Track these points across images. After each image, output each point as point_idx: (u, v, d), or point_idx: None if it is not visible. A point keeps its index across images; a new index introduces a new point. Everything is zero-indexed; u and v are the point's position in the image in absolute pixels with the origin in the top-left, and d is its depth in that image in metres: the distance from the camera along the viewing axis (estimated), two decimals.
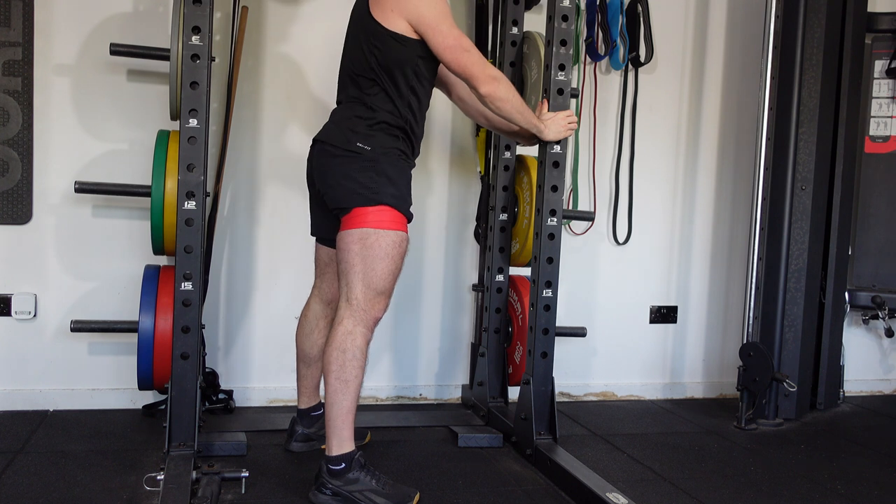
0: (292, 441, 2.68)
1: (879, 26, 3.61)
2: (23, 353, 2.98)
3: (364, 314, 2.24)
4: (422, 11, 2.24)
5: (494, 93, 2.34)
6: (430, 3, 2.25)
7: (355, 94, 2.33)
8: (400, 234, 2.27)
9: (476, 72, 2.30)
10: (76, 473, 2.39)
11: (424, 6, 2.24)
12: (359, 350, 2.22)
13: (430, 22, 2.24)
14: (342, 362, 2.20)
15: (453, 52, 2.27)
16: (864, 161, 3.65)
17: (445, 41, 2.26)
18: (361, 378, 2.24)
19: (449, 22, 2.27)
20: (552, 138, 2.59)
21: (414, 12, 2.24)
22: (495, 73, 2.35)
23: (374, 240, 2.22)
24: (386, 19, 2.26)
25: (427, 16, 2.24)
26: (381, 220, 2.23)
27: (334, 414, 2.23)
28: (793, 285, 3.33)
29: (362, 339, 2.24)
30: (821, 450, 3.01)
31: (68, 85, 2.96)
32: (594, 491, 2.24)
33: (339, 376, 2.21)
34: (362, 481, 2.21)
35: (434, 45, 2.27)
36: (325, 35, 3.16)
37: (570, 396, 3.56)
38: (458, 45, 2.27)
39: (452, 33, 2.26)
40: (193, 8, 2.35)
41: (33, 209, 2.95)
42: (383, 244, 2.23)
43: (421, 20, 2.24)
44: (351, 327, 2.22)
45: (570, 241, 3.50)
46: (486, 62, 2.35)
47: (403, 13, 2.24)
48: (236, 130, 3.06)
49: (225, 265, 3.14)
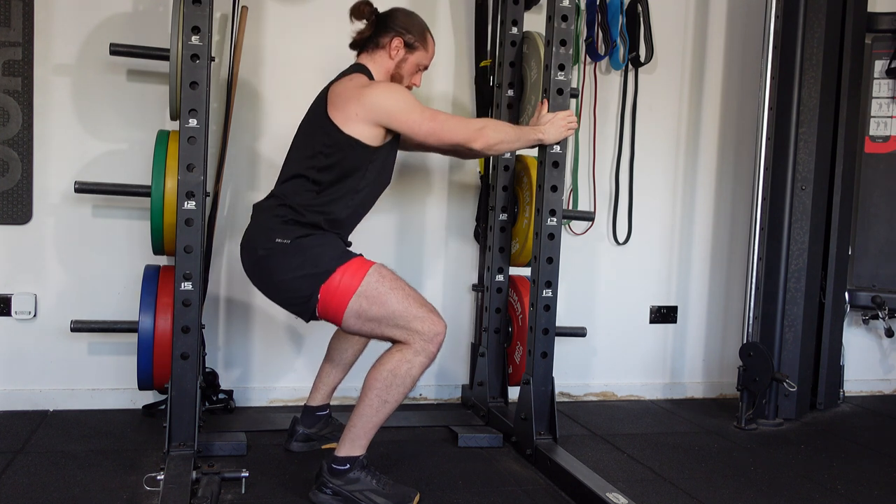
0: (293, 441, 2.68)
1: (879, 26, 3.61)
2: (23, 353, 2.98)
3: (427, 343, 2.17)
4: (390, 109, 2.24)
5: (488, 143, 2.36)
6: (395, 99, 2.25)
7: (285, 190, 2.29)
8: (373, 269, 2.21)
9: (462, 136, 2.31)
10: (76, 473, 2.39)
11: (392, 104, 2.24)
12: (411, 379, 2.17)
13: (400, 117, 2.25)
14: (389, 384, 2.16)
15: (435, 135, 2.29)
16: (864, 161, 3.65)
17: (422, 129, 2.27)
18: (402, 402, 2.20)
19: (418, 109, 2.26)
20: (553, 140, 2.59)
21: (383, 114, 2.24)
22: (478, 125, 2.35)
23: (363, 298, 2.17)
24: (346, 123, 2.24)
25: (396, 111, 2.24)
26: (349, 279, 2.18)
27: (361, 423, 2.21)
28: (793, 285, 3.33)
29: (419, 370, 2.18)
30: (821, 450, 3.01)
31: (68, 85, 2.96)
32: (594, 491, 2.24)
33: (380, 395, 2.17)
34: (363, 481, 2.21)
35: (412, 136, 2.29)
36: (324, 35, 3.16)
37: (570, 396, 3.56)
38: (435, 127, 2.27)
39: (424, 117, 2.27)
40: (193, 8, 2.35)
41: (33, 209, 2.95)
42: (373, 292, 2.17)
43: (391, 118, 2.24)
44: (411, 356, 2.17)
45: (570, 241, 3.49)
46: (463, 120, 2.35)
47: (370, 117, 2.23)
48: (236, 130, 3.06)
49: (225, 265, 3.14)
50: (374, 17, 2.43)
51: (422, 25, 2.47)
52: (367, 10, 2.41)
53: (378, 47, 2.41)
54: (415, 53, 2.44)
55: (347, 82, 2.31)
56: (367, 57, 2.43)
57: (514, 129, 2.49)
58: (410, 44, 2.42)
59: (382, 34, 2.41)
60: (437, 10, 3.30)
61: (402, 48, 2.41)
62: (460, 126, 2.32)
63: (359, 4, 2.41)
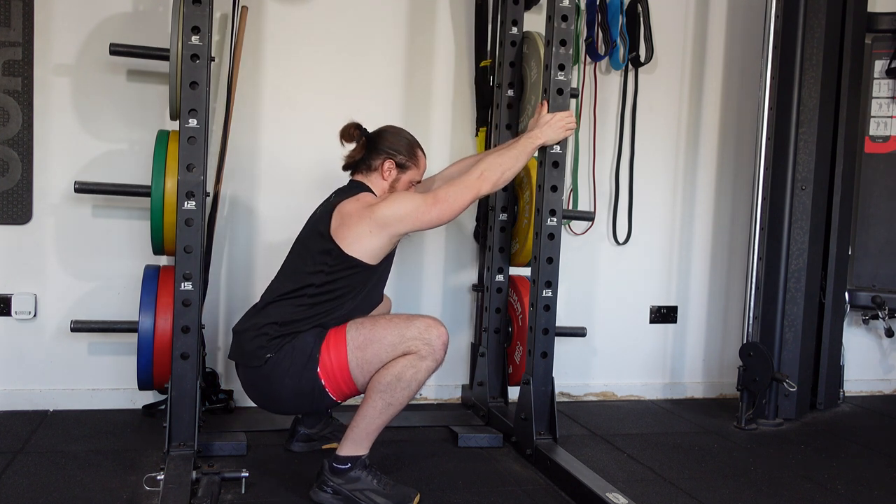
0: (293, 441, 2.68)
1: (879, 26, 3.61)
2: (23, 354, 2.98)
3: (433, 348, 2.21)
4: (402, 218, 2.27)
5: (494, 183, 2.40)
6: (403, 208, 2.27)
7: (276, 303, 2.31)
8: (348, 326, 2.26)
9: (470, 197, 2.34)
10: (76, 473, 2.39)
11: (402, 212, 2.27)
12: (416, 383, 2.20)
13: (409, 221, 2.28)
14: (394, 387, 2.18)
15: (442, 218, 2.31)
16: (864, 161, 3.65)
17: (433, 219, 2.30)
18: (406, 404, 2.23)
19: (423, 204, 2.28)
20: (552, 141, 2.59)
21: (397, 224, 2.27)
22: (476, 174, 2.36)
23: (358, 351, 2.22)
24: (350, 246, 2.26)
25: (407, 218, 2.27)
26: (334, 350, 2.23)
27: (363, 425, 2.22)
28: (793, 285, 3.33)
29: (425, 375, 2.22)
30: (821, 450, 3.01)
31: (68, 85, 2.96)
32: (594, 491, 2.24)
33: (384, 398, 2.19)
34: (363, 480, 2.22)
35: (428, 228, 2.35)
36: (324, 35, 3.16)
37: (570, 396, 3.56)
38: (443, 208, 2.29)
39: (429, 211, 2.29)
40: (193, 8, 2.35)
41: (33, 209, 2.95)
42: (361, 341, 2.22)
43: (404, 226, 2.28)
44: (417, 361, 2.19)
45: (570, 241, 3.49)
46: (461, 182, 2.35)
47: (386, 230, 2.27)
48: (236, 130, 3.06)
49: (225, 265, 3.14)
50: (364, 139, 2.46)
51: (410, 142, 2.50)
52: (356, 134, 2.46)
53: (371, 170, 2.45)
54: (407, 172, 2.48)
55: (355, 203, 2.32)
56: (362, 177, 2.46)
57: (512, 151, 2.49)
58: (402, 164, 2.46)
59: (373, 156, 2.45)
60: (437, 10, 3.30)
61: (394, 169, 2.45)
62: (463, 191, 2.33)
63: (348, 128, 2.46)
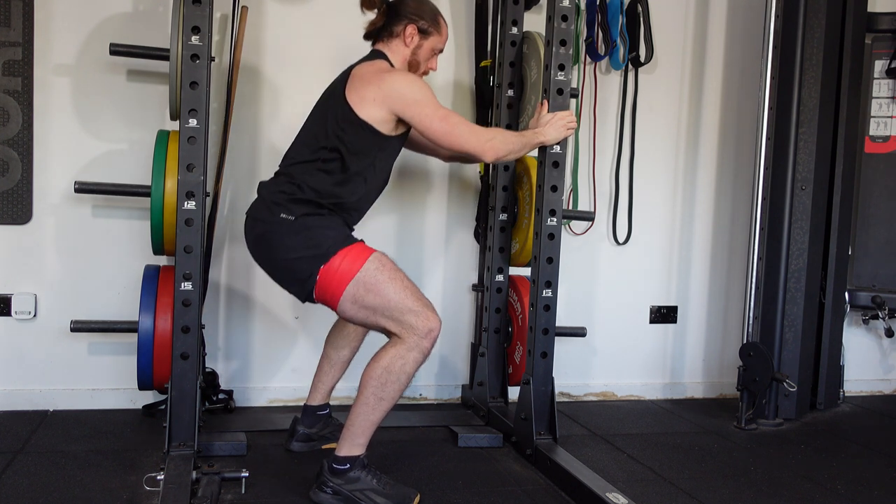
0: (293, 441, 2.68)
1: (879, 26, 3.61)
2: (23, 354, 2.98)
3: (420, 339, 2.17)
4: (407, 99, 2.25)
5: (497, 155, 2.38)
6: (413, 90, 2.26)
7: (293, 170, 2.30)
8: (373, 256, 2.22)
9: (473, 147, 2.32)
10: (76, 473, 2.39)
11: (409, 93, 2.25)
12: (405, 376, 2.17)
13: (415, 108, 2.26)
14: (384, 381, 2.16)
15: (446, 137, 2.29)
16: (864, 161, 3.65)
17: (433, 125, 2.27)
18: (398, 399, 2.21)
19: (434, 104, 2.28)
20: (553, 141, 2.60)
21: (398, 100, 2.25)
22: (488, 136, 2.36)
23: (362, 285, 2.17)
24: (362, 107, 2.26)
25: (412, 102, 2.25)
26: (349, 263, 2.18)
27: (358, 422, 2.21)
28: (793, 285, 3.33)
29: (413, 367, 2.18)
30: (821, 450, 3.01)
31: (68, 85, 2.96)
32: (594, 491, 2.24)
33: (376, 392, 2.17)
34: (363, 481, 2.21)
35: (423, 130, 2.30)
36: (325, 35, 3.16)
37: (570, 396, 3.56)
38: (447, 128, 2.28)
39: (438, 115, 2.27)
40: (193, 8, 2.35)
41: (33, 209, 2.95)
42: (372, 280, 2.18)
43: (406, 107, 2.26)
44: (404, 352, 2.16)
45: (570, 241, 3.50)
46: (475, 129, 2.36)
47: (387, 102, 2.25)
48: (236, 130, 3.06)
49: (225, 265, 3.14)
50: (385, 6, 2.43)
51: (433, 10, 2.49)
52: (377, 1, 2.42)
53: (392, 36, 2.42)
54: (429, 39, 2.45)
55: (369, 66, 2.33)
56: (383, 46, 2.44)
57: (519, 138, 2.50)
58: (424, 30, 2.44)
59: (395, 23, 2.42)
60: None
61: (416, 35, 2.42)
62: (472, 135, 2.33)
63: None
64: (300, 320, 3.22)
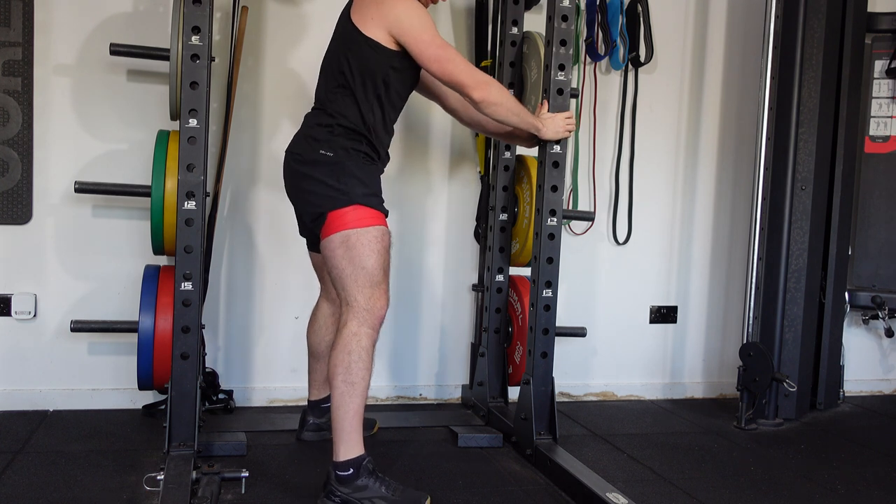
0: (304, 431, 2.74)
1: (879, 26, 3.61)
2: (23, 353, 2.98)
3: (367, 314, 2.23)
4: (403, 23, 2.25)
5: (487, 97, 2.35)
6: (411, 14, 2.25)
7: (322, 97, 2.36)
8: (380, 228, 2.26)
9: (465, 79, 2.31)
10: (76, 473, 2.39)
11: (406, 17, 2.25)
12: (364, 351, 2.21)
13: (412, 33, 2.25)
14: (348, 364, 2.19)
15: (439, 63, 2.28)
16: (864, 161, 3.65)
17: (428, 51, 2.27)
18: (368, 380, 2.23)
19: (432, 32, 2.27)
20: (550, 137, 2.60)
21: (395, 23, 2.25)
22: (485, 78, 2.36)
23: (355, 239, 2.22)
24: (365, 26, 2.27)
25: (409, 27, 2.25)
26: (358, 218, 2.23)
27: (341, 416, 2.21)
28: (793, 285, 3.33)
29: (367, 341, 2.22)
30: (821, 450, 3.01)
31: (68, 85, 2.96)
32: (594, 491, 2.24)
33: (345, 378, 2.19)
34: (371, 488, 2.19)
35: (418, 55, 2.28)
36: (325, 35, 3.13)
37: (570, 396, 3.56)
38: (444, 56, 2.28)
39: (435, 42, 2.27)
40: (193, 8, 2.35)
41: (33, 209, 2.95)
42: (365, 241, 2.22)
43: (403, 31, 2.25)
44: (356, 329, 2.21)
45: (570, 241, 3.49)
46: (474, 68, 2.36)
47: (384, 23, 2.25)
48: (236, 130, 3.06)
49: (225, 265, 3.14)
50: None
51: None
52: None
53: None
54: None
55: None
56: None
57: (518, 104, 2.50)
58: None
59: None
60: (438, 10, 3.29)
61: None
62: (467, 69, 2.32)
63: None
64: (300, 320, 3.22)
